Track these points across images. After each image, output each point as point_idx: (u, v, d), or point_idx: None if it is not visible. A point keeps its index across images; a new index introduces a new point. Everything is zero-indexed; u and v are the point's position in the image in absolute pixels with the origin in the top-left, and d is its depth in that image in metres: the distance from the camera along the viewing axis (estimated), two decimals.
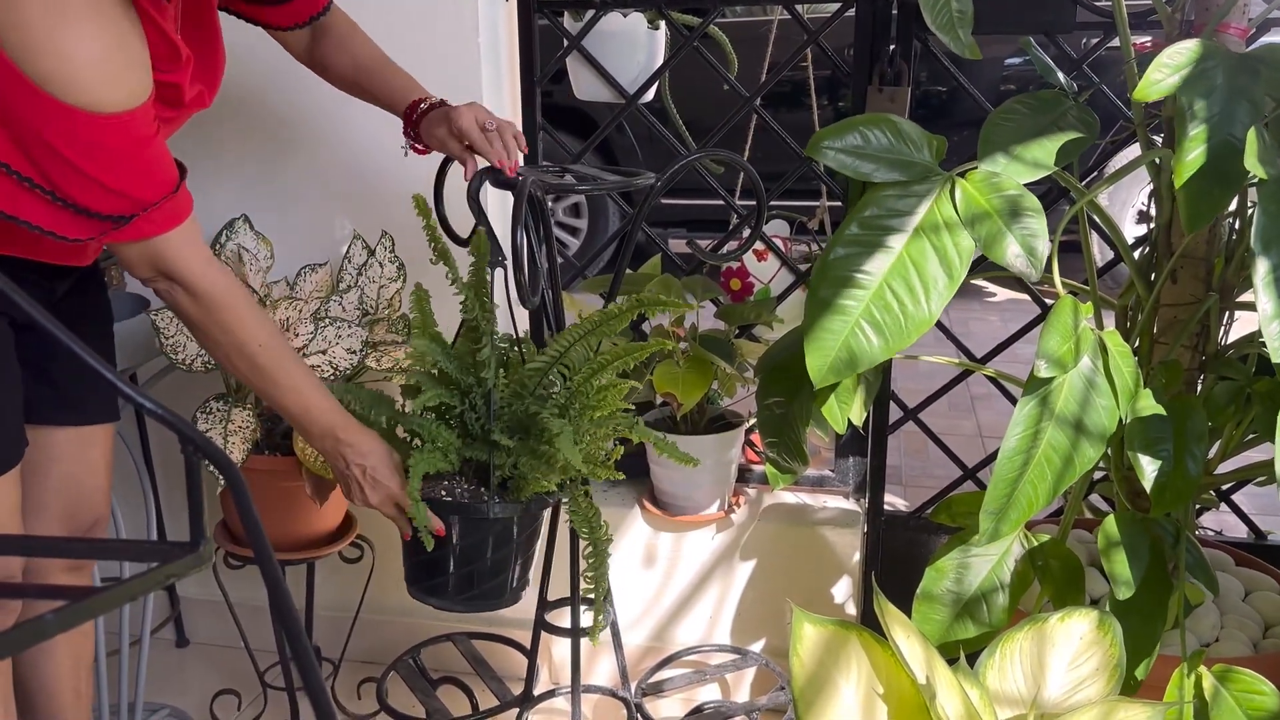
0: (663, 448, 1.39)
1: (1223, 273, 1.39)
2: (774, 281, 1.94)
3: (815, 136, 1.29)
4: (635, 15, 1.81)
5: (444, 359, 1.31)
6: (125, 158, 1.11)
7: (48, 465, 1.38)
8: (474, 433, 1.32)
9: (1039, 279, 1.22)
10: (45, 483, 1.39)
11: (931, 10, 1.49)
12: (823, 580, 1.88)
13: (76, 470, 1.43)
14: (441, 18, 1.75)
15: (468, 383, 1.32)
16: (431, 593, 1.35)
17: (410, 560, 1.37)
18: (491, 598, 1.35)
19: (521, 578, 1.38)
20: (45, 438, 1.37)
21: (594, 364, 1.31)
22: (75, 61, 1.04)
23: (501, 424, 1.30)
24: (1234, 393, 1.29)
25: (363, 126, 1.80)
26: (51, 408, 1.36)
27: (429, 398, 1.27)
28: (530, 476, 1.30)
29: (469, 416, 1.32)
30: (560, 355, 1.31)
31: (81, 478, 1.43)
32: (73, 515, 1.43)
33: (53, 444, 1.38)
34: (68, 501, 1.43)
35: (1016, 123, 1.34)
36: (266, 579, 0.60)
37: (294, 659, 0.61)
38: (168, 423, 0.64)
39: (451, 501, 1.31)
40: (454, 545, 1.31)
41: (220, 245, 1.74)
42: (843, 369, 1.22)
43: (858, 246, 1.23)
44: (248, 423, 1.53)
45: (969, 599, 1.32)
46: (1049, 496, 1.14)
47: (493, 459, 1.30)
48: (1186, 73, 1.15)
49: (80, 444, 1.42)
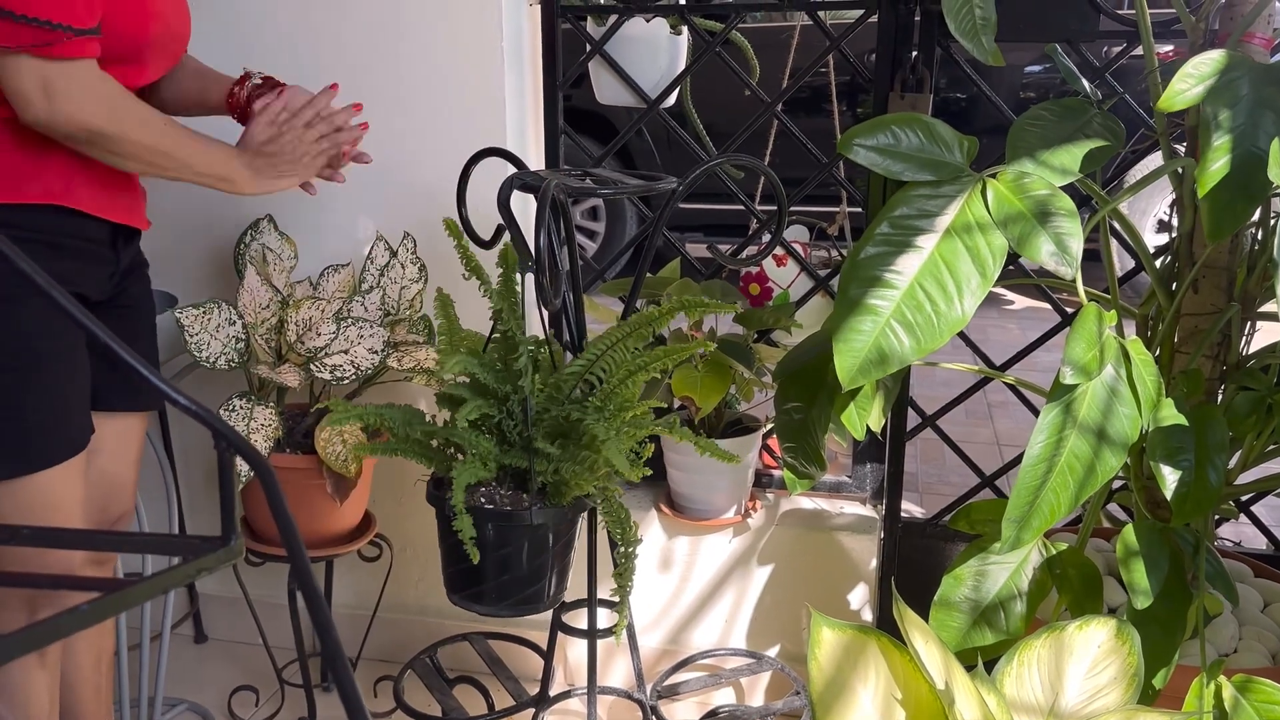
0: (705, 447, 1.38)
1: (1244, 282, 1.39)
2: (793, 287, 1.94)
3: (847, 134, 1.29)
4: (658, 20, 1.82)
5: (480, 371, 1.31)
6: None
7: (89, 457, 1.39)
8: (511, 439, 1.32)
9: (1073, 276, 1.21)
10: (85, 474, 1.40)
11: (955, 17, 1.49)
12: (839, 585, 1.89)
13: (113, 464, 1.46)
14: (465, 23, 1.76)
15: (504, 391, 1.32)
16: (473, 600, 1.35)
17: (450, 569, 1.38)
18: (532, 602, 1.35)
19: (560, 583, 1.39)
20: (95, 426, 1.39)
21: (630, 365, 1.32)
22: None
23: (541, 430, 1.30)
24: (1255, 403, 1.29)
25: (384, 128, 1.82)
26: (117, 394, 1.41)
27: (470, 410, 1.27)
28: (571, 481, 1.30)
29: (506, 424, 1.32)
30: (598, 358, 1.32)
31: (117, 471, 1.47)
32: (104, 509, 1.46)
33: (99, 435, 1.40)
34: (102, 494, 1.46)
35: (1042, 128, 1.33)
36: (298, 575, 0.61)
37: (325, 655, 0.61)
38: (203, 420, 0.65)
39: (493, 509, 1.31)
40: (494, 552, 1.31)
41: (245, 245, 1.76)
42: (873, 369, 1.19)
43: (888, 246, 1.21)
44: (270, 420, 1.55)
45: (987, 606, 1.32)
46: (1070, 505, 1.14)
47: (533, 465, 1.30)
48: (1211, 83, 1.15)
49: (122, 436, 1.46)
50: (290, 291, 1.72)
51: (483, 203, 1.63)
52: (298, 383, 1.56)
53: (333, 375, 1.56)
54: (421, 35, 1.76)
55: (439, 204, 1.82)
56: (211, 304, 1.55)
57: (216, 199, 1.91)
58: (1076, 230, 1.17)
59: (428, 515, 2.01)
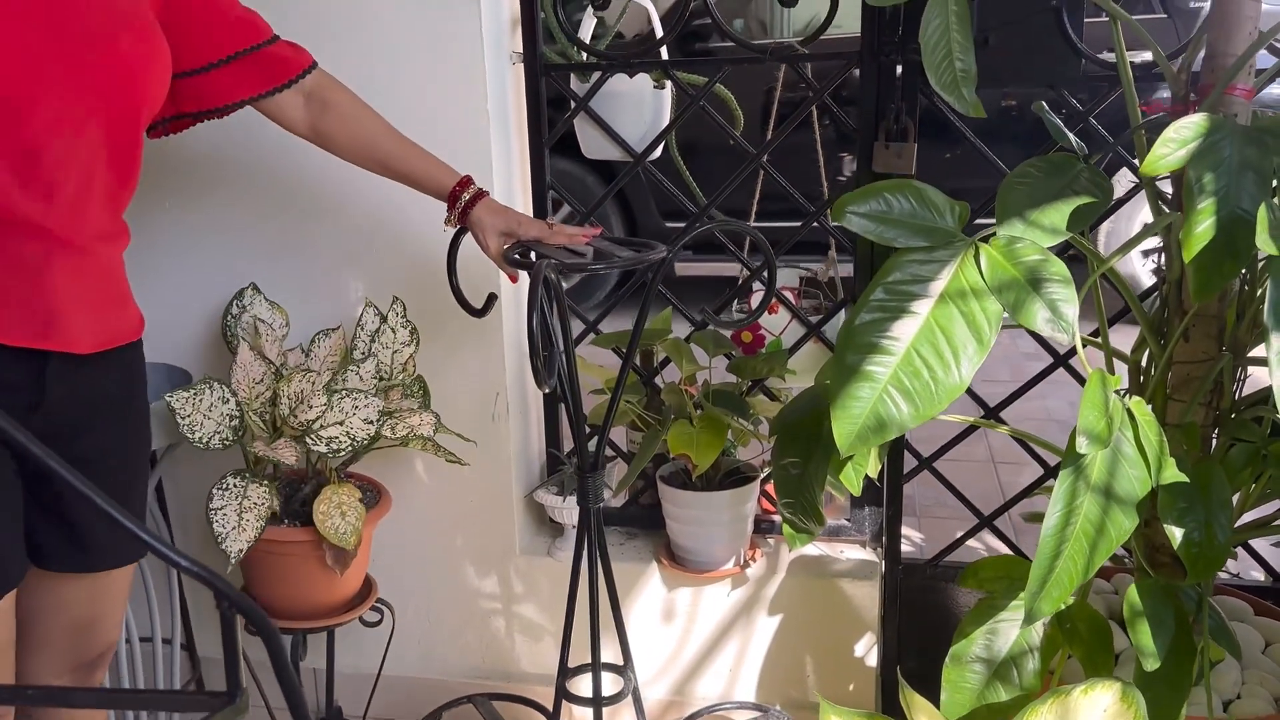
0: None
1: (1234, 330, 1.39)
2: (785, 334, 1.95)
3: (840, 201, 1.29)
4: (641, 76, 1.82)
5: None
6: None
7: (56, 612, 1.29)
8: None
9: (1070, 342, 1.21)
10: (52, 626, 1.30)
11: (935, 71, 1.50)
12: (843, 633, 1.89)
13: (90, 613, 1.33)
14: (451, 84, 1.76)
15: None
16: None
17: None
18: None
19: None
20: (57, 585, 1.28)
21: None
22: None
23: None
24: (1250, 455, 1.30)
25: (373, 189, 1.82)
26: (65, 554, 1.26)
27: None
28: None
29: None
30: None
31: (95, 618, 1.33)
32: (79, 655, 1.34)
33: (63, 590, 1.28)
34: (75, 642, 1.33)
35: (1030, 186, 1.34)
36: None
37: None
38: (204, 580, 0.65)
39: None
40: None
41: (234, 316, 1.76)
42: (871, 436, 1.18)
43: (883, 311, 1.21)
44: (264, 498, 1.55)
45: (1000, 664, 1.32)
46: (1087, 570, 1.14)
47: None
48: (1194, 146, 1.15)
49: (95, 589, 1.31)
50: (283, 360, 1.71)
51: (474, 262, 1.63)
52: (294, 459, 1.55)
53: (328, 448, 1.56)
54: (408, 98, 1.76)
55: (429, 265, 1.82)
56: (203, 385, 1.54)
57: (204, 265, 1.91)
58: (1071, 296, 1.18)
59: (429, 571, 2.02)
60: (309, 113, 1.46)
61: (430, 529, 2.00)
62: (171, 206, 1.91)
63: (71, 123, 1.14)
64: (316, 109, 1.46)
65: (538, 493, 1.93)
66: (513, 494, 1.95)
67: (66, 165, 1.14)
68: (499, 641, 2.04)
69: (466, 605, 2.03)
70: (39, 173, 1.12)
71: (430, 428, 1.67)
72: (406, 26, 1.75)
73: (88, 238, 1.19)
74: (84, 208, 1.18)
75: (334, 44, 1.74)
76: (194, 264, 1.93)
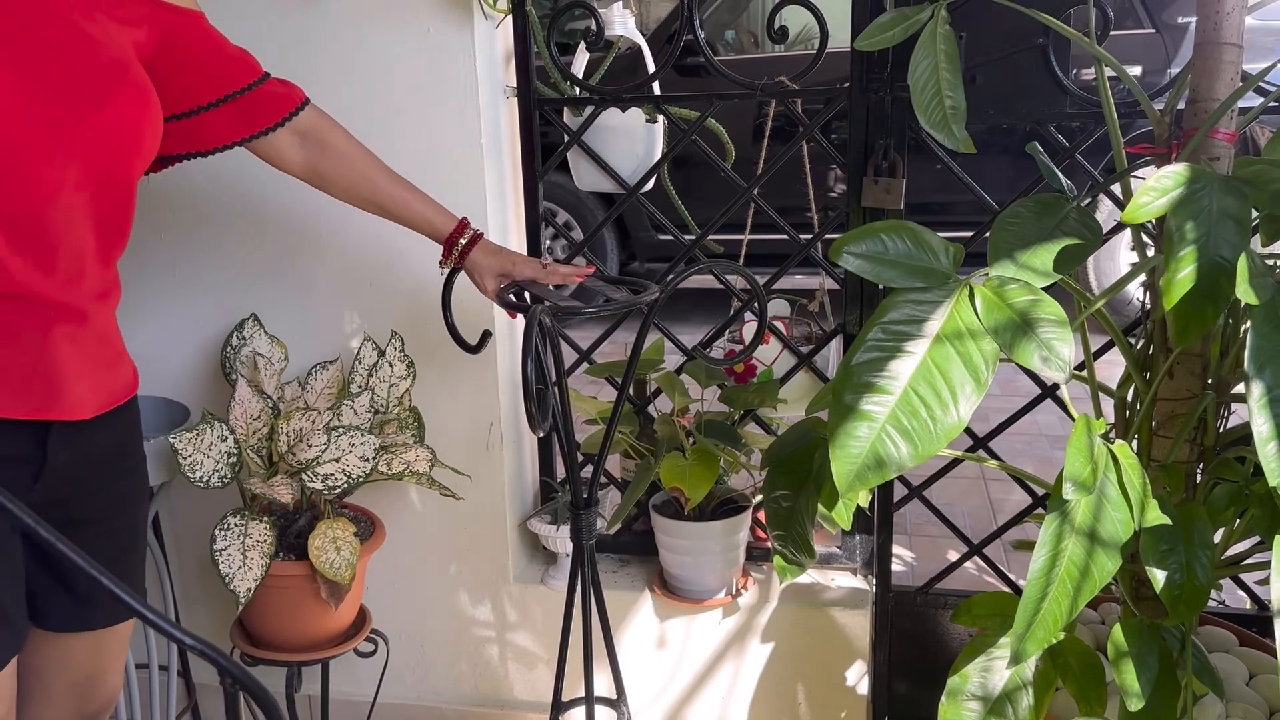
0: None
1: (1218, 367, 1.42)
2: (776, 363, 1.97)
3: (837, 242, 1.31)
4: (633, 110, 1.84)
5: None
6: None
7: (59, 670, 1.29)
8: None
9: (1065, 380, 1.23)
10: (55, 683, 1.30)
11: (925, 111, 1.52)
12: (834, 661, 1.90)
13: (92, 668, 1.33)
14: (445, 120, 1.78)
15: None
16: None
17: None
18: None
19: None
20: (59, 643, 1.28)
21: None
22: None
23: None
24: (1233, 495, 1.32)
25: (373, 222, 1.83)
26: (68, 614, 1.26)
27: None
28: None
29: None
30: None
31: (98, 672, 1.33)
32: (82, 709, 1.34)
33: (66, 648, 1.28)
34: (78, 695, 1.33)
35: (1020, 227, 1.35)
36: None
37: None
38: (206, 656, 0.67)
39: None
40: None
41: (233, 349, 1.77)
42: (870, 474, 1.18)
43: (880, 351, 1.22)
44: (265, 535, 1.56)
45: (995, 700, 1.34)
46: (1071, 611, 1.15)
47: None
48: (1175, 195, 1.18)
49: (98, 645, 1.31)
50: (280, 394, 1.73)
51: (469, 298, 1.65)
52: (291, 498, 1.56)
53: (325, 485, 1.57)
54: (403, 134, 1.78)
55: (425, 297, 1.84)
56: (204, 424, 1.55)
57: (203, 298, 1.93)
58: (1066, 336, 1.19)
59: (423, 599, 2.03)
60: (305, 153, 1.44)
61: (424, 557, 2.02)
62: (169, 237, 1.92)
63: (69, 189, 1.11)
64: (314, 149, 1.44)
65: (531, 521, 1.95)
66: (506, 522, 1.97)
67: (64, 232, 1.12)
68: (493, 669, 2.05)
69: (460, 633, 2.05)
70: (37, 242, 1.10)
71: (426, 464, 1.68)
72: (403, 61, 1.77)
73: (86, 299, 1.18)
74: (81, 270, 1.16)
75: (330, 79, 1.76)
76: (192, 296, 1.94)
